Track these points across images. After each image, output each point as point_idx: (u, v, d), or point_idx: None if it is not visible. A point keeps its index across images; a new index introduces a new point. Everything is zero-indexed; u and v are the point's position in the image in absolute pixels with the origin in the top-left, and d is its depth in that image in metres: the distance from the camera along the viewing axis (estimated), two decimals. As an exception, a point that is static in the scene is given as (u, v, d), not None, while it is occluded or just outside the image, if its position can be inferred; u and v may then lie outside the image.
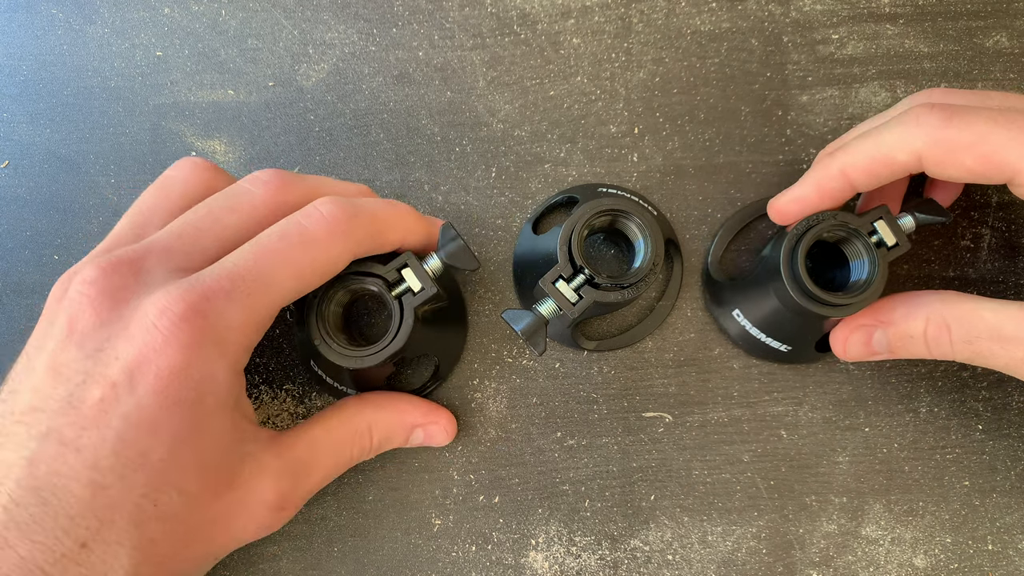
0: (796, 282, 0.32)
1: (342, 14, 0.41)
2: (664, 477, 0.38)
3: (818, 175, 0.33)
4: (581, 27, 0.41)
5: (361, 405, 0.35)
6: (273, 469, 0.30)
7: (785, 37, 0.41)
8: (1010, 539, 0.37)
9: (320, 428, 0.33)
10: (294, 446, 0.32)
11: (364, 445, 0.34)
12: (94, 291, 0.27)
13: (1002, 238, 0.39)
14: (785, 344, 0.36)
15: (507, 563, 0.37)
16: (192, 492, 0.28)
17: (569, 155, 0.40)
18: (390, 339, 0.32)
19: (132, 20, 0.41)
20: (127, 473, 0.26)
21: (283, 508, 0.31)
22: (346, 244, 0.30)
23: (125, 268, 0.28)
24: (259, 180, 0.32)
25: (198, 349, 0.27)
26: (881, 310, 0.33)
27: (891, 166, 0.31)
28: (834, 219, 0.33)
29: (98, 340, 0.27)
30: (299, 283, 0.29)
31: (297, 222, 0.29)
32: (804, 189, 0.33)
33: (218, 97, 0.40)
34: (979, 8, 0.41)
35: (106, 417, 0.26)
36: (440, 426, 0.36)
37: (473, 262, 0.32)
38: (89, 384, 0.26)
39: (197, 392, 0.27)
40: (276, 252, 0.29)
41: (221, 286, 0.27)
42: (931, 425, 0.38)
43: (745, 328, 0.37)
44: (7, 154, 0.40)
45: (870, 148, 0.31)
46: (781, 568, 0.37)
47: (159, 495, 0.27)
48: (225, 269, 0.28)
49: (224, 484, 0.29)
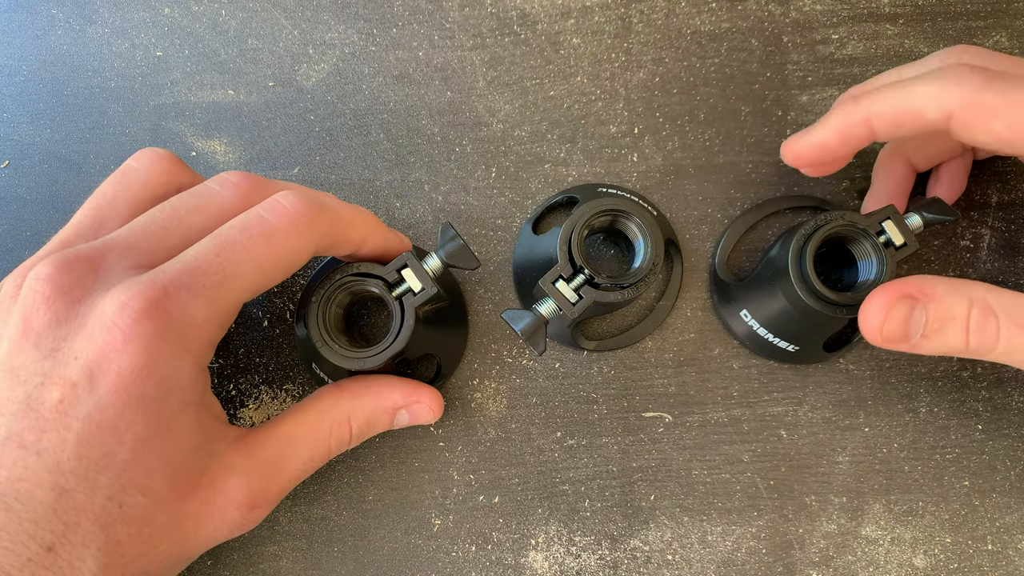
0: (804, 282, 0.32)
1: (342, 14, 0.41)
2: (664, 477, 0.38)
3: (841, 120, 0.31)
4: (581, 27, 0.41)
5: (338, 395, 0.33)
6: (242, 468, 0.30)
7: (785, 37, 0.41)
8: (1010, 539, 0.37)
9: (294, 422, 0.32)
10: (266, 443, 0.31)
11: (343, 436, 0.33)
12: (49, 288, 0.26)
13: (1002, 238, 0.39)
14: (793, 344, 0.36)
15: (507, 563, 0.37)
16: (158, 493, 0.27)
17: (569, 155, 0.40)
18: (391, 340, 0.32)
19: (132, 20, 0.41)
20: (91, 475, 0.25)
21: (255, 507, 0.30)
22: (308, 238, 0.30)
23: (82, 264, 0.27)
24: (227, 181, 0.31)
25: (160, 346, 0.26)
26: (921, 282, 0.30)
27: (919, 121, 0.30)
28: (842, 219, 0.32)
29: (55, 339, 0.26)
30: (261, 276, 0.29)
31: (258, 215, 0.29)
32: (824, 133, 0.32)
33: (218, 97, 0.40)
34: (979, 8, 0.41)
35: (66, 419, 0.25)
36: (424, 404, 0.34)
37: (473, 261, 0.32)
38: (47, 385, 0.25)
39: (160, 390, 0.26)
40: (237, 245, 0.28)
41: (182, 280, 0.27)
42: (931, 425, 0.38)
43: (753, 328, 0.37)
44: (7, 154, 0.40)
45: (901, 99, 0.30)
46: (781, 568, 0.37)
47: (124, 496, 0.26)
48: (185, 263, 0.27)
49: (191, 484, 0.28)
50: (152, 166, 0.32)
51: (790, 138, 0.33)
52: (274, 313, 0.39)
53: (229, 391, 0.38)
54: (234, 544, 0.37)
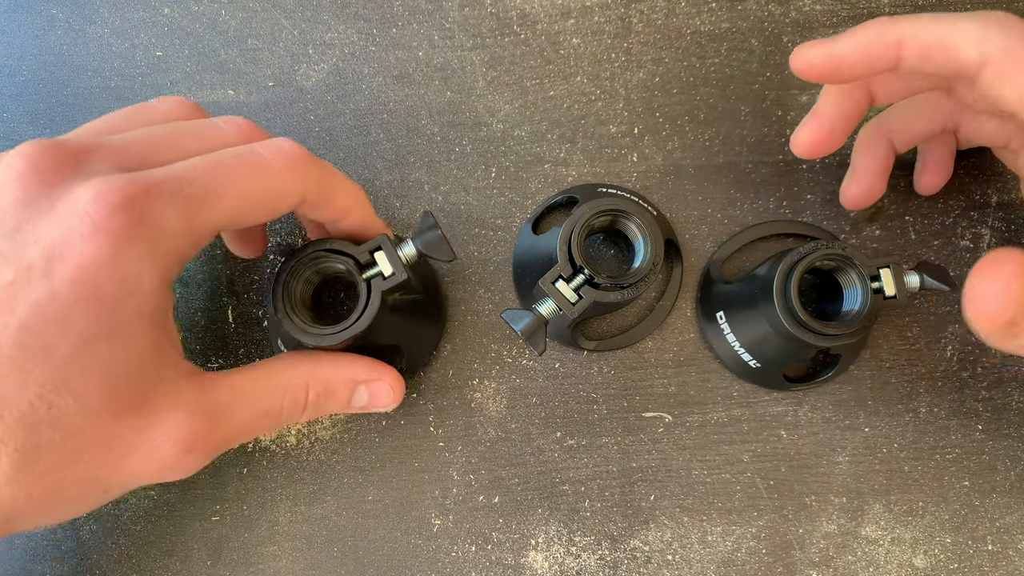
0: (788, 310, 0.32)
1: (342, 14, 0.41)
2: (664, 477, 0.38)
3: (869, 36, 0.29)
4: (581, 27, 0.41)
5: (297, 358, 0.32)
6: (189, 403, 0.28)
7: (785, 37, 0.41)
8: (1010, 539, 0.37)
9: (249, 375, 0.31)
10: (217, 387, 0.29)
11: (297, 399, 0.31)
12: (24, 166, 0.25)
13: (1002, 238, 0.39)
14: (757, 361, 0.37)
15: (507, 563, 0.37)
16: (91, 402, 0.25)
17: (569, 155, 0.40)
18: (353, 320, 0.31)
19: (132, 20, 0.41)
20: (26, 366, 0.24)
21: (192, 450, 0.28)
22: (299, 182, 0.29)
23: (67, 153, 0.26)
24: (233, 122, 0.31)
25: (128, 244, 0.25)
26: None
27: (951, 59, 0.28)
28: (841, 250, 0.32)
29: (18, 219, 0.24)
30: (245, 204, 0.28)
31: (254, 149, 0.29)
32: (848, 44, 0.29)
33: (218, 97, 0.40)
34: (979, 8, 0.40)
35: (13, 302, 0.24)
36: (386, 383, 0.33)
37: (449, 253, 0.32)
38: (1, 265, 0.24)
39: (119, 291, 0.25)
40: (227, 167, 0.27)
41: (165, 185, 0.26)
42: (931, 425, 0.38)
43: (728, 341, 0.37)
44: (7, 154, 0.40)
45: (940, 28, 0.28)
46: (781, 568, 0.37)
47: (55, 398, 0.24)
48: (171, 170, 0.26)
49: (129, 404, 0.26)
50: (174, 108, 0.32)
51: (805, 44, 0.30)
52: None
53: (229, 391, 0.38)
54: (234, 544, 0.37)
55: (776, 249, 0.39)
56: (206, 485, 0.38)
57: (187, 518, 0.37)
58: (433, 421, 0.38)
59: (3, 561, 0.37)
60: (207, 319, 0.39)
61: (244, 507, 0.37)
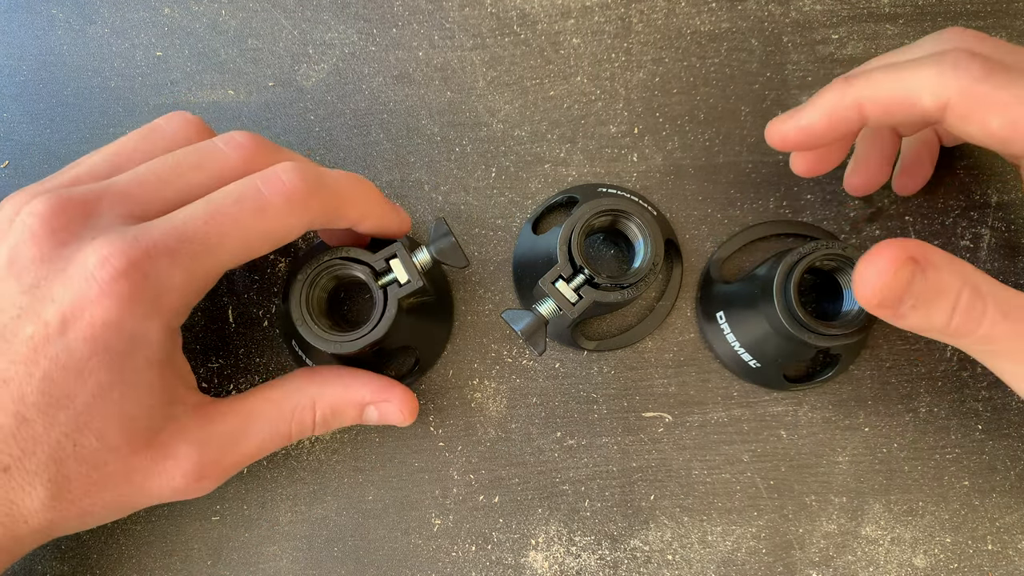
0: (788, 310, 0.32)
1: (342, 14, 0.41)
2: (664, 477, 0.38)
3: (831, 103, 0.30)
4: (581, 27, 0.41)
5: (307, 379, 0.33)
6: (196, 436, 0.30)
7: (785, 37, 0.41)
8: (1010, 539, 0.37)
9: (258, 399, 0.32)
10: (225, 415, 0.31)
11: (305, 421, 0.33)
12: (39, 226, 0.27)
13: (1002, 238, 0.39)
14: (757, 361, 0.37)
15: (507, 563, 0.37)
16: (111, 440, 0.28)
17: (569, 155, 0.40)
18: (371, 327, 0.32)
19: (132, 20, 0.41)
20: (51, 411, 0.27)
21: (203, 477, 0.30)
22: (302, 216, 0.30)
23: (75, 208, 0.28)
24: (234, 141, 0.31)
25: (133, 306, 0.27)
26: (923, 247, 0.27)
27: (912, 108, 0.28)
28: (841, 250, 0.32)
29: (36, 276, 0.27)
30: (247, 249, 0.29)
31: (255, 187, 0.29)
32: (813, 116, 0.30)
33: (218, 97, 0.40)
34: (979, 8, 0.41)
35: (35, 355, 0.26)
36: (393, 404, 0.34)
37: (462, 260, 0.32)
38: (23, 320, 0.27)
39: (128, 345, 0.27)
40: (228, 216, 0.28)
41: (166, 244, 0.27)
42: (931, 425, 0.38)
43: (728, 341, 0.37)
44: (7, 154, 0.40)
45: (895, 84, 0.28)
46: (781, 568, 0.37)
47: (79, 437, 0.27)
48: (173, 226, 0.28)
49: (143, 440, 0.29)
50: (180, 129, 0.32)
51: (777, 118, 0.31)
52: (274, 313, 0.39)
53: (229, 391, 0.38)
54: (234, 544, 0.37)
55: (776, 249, 0.39)
56: (206, 485, 0.38)
57: (187, 518, 0.37)
58: (433, 421, 0.38)
59: (3, 561, 0.37)
60: (207, 319, 0.39)
61: (244, 507, 0.37)
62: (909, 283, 0.27)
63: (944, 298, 0.27)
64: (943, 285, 0.27)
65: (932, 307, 0.27)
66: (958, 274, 0.27)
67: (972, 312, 0.27)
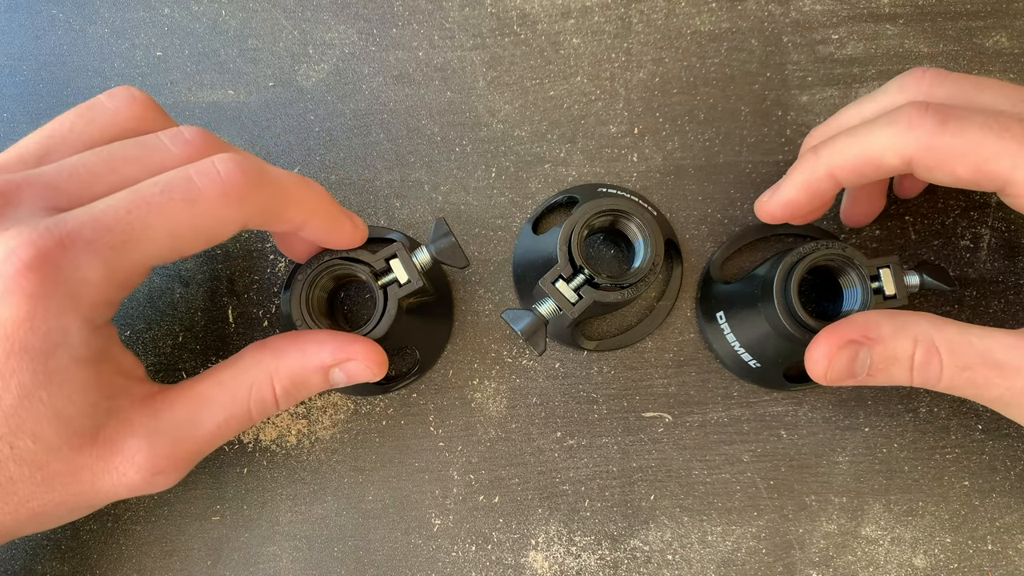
0: (788, 310, 0.32)
1: (342, 14, 0.41)
2: (664, 477, 0.38)
3: (805, 176, 0.32)
4: (581, 27, 0.41)
5: (260, 354, 0.31)
6: (144, 429, 0.28)
7: (785, 37, 0.41)
8: (1010, 539, 0.37)
9: (209, 382, 0.30)
10: (174, 404, 0.29)
11: (264, 397, 0.30)
12: None
13: (1002, 238, 0.39)
14: (757, 361, 0.36)
15: (507, 563, 0.37)
16: (49, 441, 0.26)
17: (569, 155, 0.40)
18: (371, 327, 0.32)
19: (132, 20, 0.41)
20: None
21: (159, 471, 0.28)
22: (238, 211, 0.28)
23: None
24: (180, 137, 0.29)
25: (44, 301, 0.25)
26: (867, 325, 0.30)
27: (880, 168, 0.30)
28: (841, 250, 0.32)
29: None
30: (175, 243, 0.27)
31: (187, 176, 0.27)
32: (792, 192, 0.32)
33: (218, 97, 0.40)
34: (979, 8, 0.41)
35: None
36: (359, 362, 0.31)
37: (462, 260, 0.32)
38: None
39: (46, 343, 0.25)
40: (153, 205, 0.26)
41: (82, 234, 0.25)
42: (931, 425, 0.38)
43: (728, 341, 0.37)
44: (7, 154, 0.40)
45: (858, 148, 0.30)
46: (781, 568, 0.37)
47: (14, 439, 0.26)
48: (92, 216, 0.26)
49: (85, 438, 0.27)
50: (123, 107, 0.30)
51: (761, 197, 0.34)
52: (274, 314, 0.39)
53: (229, 391, 0.38)
54: (234, 544, 0.37)
55: (776, 249, 0.39)
56: (206, 485, 0.38)
57: (187, 518, 0.37)
58: (433, 421, 0.38)
59: (3, 561, 0.37)
60: (207, 319, 0.39)
61: (244, 507, 0.37)
62: (852, 361, 0.30)
63: (898, 363, 0.30)
64: (893, 352, 0.30)
65: (890, 371, 0.30)
66: (909, 338, 0.29)
67: (929, 368, 0.29)
